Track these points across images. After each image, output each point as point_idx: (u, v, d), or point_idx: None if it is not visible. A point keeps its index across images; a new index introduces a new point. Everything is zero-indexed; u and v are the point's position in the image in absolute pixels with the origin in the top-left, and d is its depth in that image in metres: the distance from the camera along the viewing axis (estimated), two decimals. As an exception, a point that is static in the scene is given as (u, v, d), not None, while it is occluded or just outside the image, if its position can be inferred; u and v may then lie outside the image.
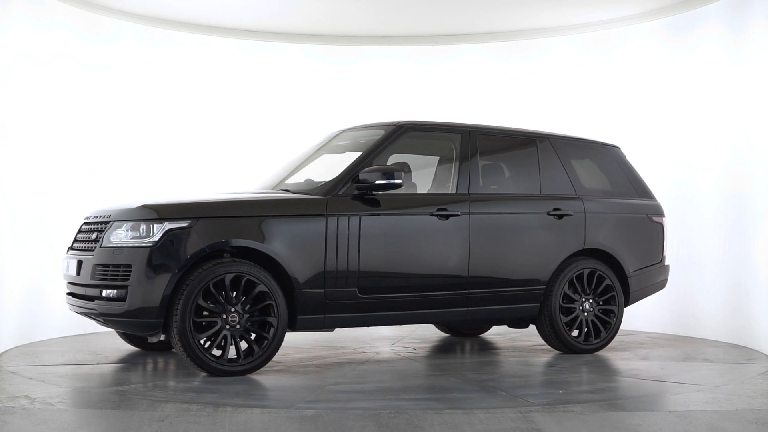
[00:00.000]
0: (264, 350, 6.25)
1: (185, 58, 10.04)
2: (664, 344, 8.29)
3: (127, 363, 6.94)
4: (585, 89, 10.08)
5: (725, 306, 8.49)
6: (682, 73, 9.19)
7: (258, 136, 10.25)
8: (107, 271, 6.20)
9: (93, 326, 8.56)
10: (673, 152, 9.23)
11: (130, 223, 6.18)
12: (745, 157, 8.19)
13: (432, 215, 6.88)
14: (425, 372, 6.64)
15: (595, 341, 7.52)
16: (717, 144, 8.69)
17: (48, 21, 8.56)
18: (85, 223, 6.76)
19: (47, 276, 8.32)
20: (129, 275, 6.06)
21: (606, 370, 6.79)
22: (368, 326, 6.97)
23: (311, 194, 6.64)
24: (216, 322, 6.13)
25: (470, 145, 7.29)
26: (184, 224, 6.11)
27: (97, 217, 6.61)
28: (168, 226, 6.08)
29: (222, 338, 6.15)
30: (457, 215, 6.97)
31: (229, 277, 6.13)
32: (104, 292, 6.17)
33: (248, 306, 6.22)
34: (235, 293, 6.18)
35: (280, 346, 6.34)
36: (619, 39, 9.84)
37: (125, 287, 6.06)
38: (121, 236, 6.19)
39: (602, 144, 8.15)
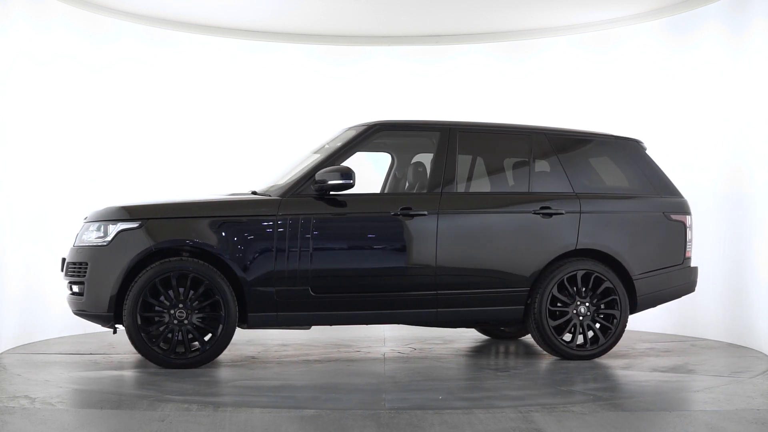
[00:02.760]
0: (211, 345, 6.53)
1: (185, 58, 10.03)
2: (663, 344, 8.28)
3: (128, 363, 6.94)
4: (585, 89, 10.07)
5: (725, 306, 8.49)
6: (682, 73, 9.19)
7: (258, 137, 10.25)
8: (74, 268, 6.71)
9: (93, 325, 8.54)
10: (674, 152, 9.21)
11: (96, 224, 6.66)
12: (745, 158, 8.19)
13: (395, 215, 6.85)
14: (370, 372, 6.57)
15: (590, 347, 7.07)
16: (717, 144, 8.69)
17: (48, 21, 8.56)
18: None
19: (47, 276, 8.32)
20: (86, 272, 6.56)
21: (599, 373, 6.76)
22: (324, 325, 7.05)
23: (270, 195, 6.80)
24: (164, 318, 6.45)
25: (449, 143, 7.12)
26: (134, 225, 6.50)
27: (84, 218, 6.99)
28: (122, 226, 6.50)
29: (169, 332, 6.47)
30: (423, 215, 6.87)
31: (174, 275, 6.44)
32: (72, 288, 6.73)
33: (196, 302, 6.49)
34: (187, 291, 6.49)
35: (229, 341, 6.61)
36: (619, 39, 9.84)
37: (83, 283, 6.57)
38: (88, 236, 6.66)
39: (616, 138, 7.64)
